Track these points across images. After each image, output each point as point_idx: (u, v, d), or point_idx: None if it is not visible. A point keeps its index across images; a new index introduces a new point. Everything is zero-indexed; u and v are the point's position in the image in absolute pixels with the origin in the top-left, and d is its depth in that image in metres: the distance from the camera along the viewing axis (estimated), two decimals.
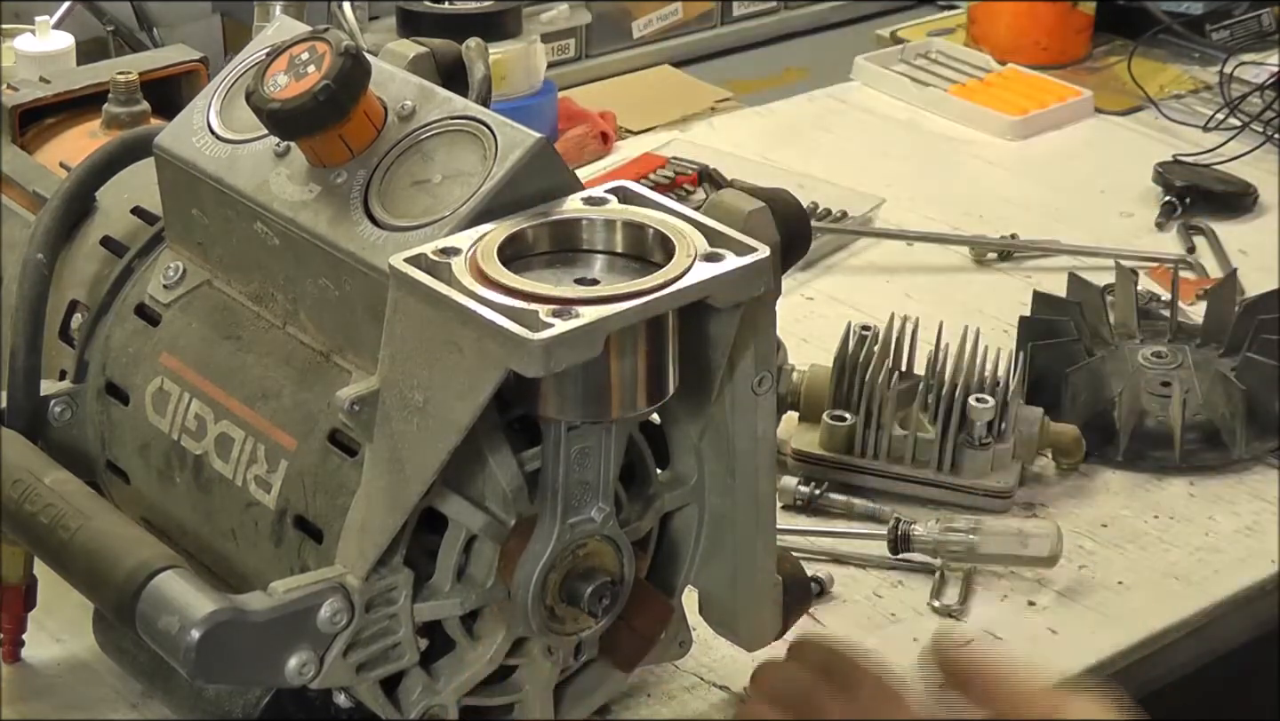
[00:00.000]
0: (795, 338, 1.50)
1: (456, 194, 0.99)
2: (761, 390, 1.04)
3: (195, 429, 1.06)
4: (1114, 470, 1.41)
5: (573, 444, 0.96)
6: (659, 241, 0.97)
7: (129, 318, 1.11)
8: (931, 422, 1.35)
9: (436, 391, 0.92)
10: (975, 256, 1.72)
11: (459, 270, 0.93)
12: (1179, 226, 1.78)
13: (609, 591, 0.99)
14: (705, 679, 1.18)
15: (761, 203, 1.01)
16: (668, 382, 0.97)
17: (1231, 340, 1.49)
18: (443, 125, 1.02)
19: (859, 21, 2.27)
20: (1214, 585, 1.30)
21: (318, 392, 1.01)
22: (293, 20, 1.12)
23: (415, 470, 0.94)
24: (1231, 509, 1.37)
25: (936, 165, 1.90)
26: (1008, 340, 1.50)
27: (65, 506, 0.98)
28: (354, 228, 1.00)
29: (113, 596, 0.94)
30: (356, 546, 0.96)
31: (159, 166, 1.10)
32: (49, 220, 1.12)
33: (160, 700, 1.09)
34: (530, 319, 0.89)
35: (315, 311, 1.03)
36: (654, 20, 2.13)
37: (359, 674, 0.98)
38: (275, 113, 1.00)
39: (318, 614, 0.95)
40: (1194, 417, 1.41)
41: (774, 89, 2.09)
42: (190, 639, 0.91)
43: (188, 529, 1.07)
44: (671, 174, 1.79)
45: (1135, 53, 2.07)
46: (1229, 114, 1.94)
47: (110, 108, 1.25)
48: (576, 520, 0.97)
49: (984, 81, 2.05)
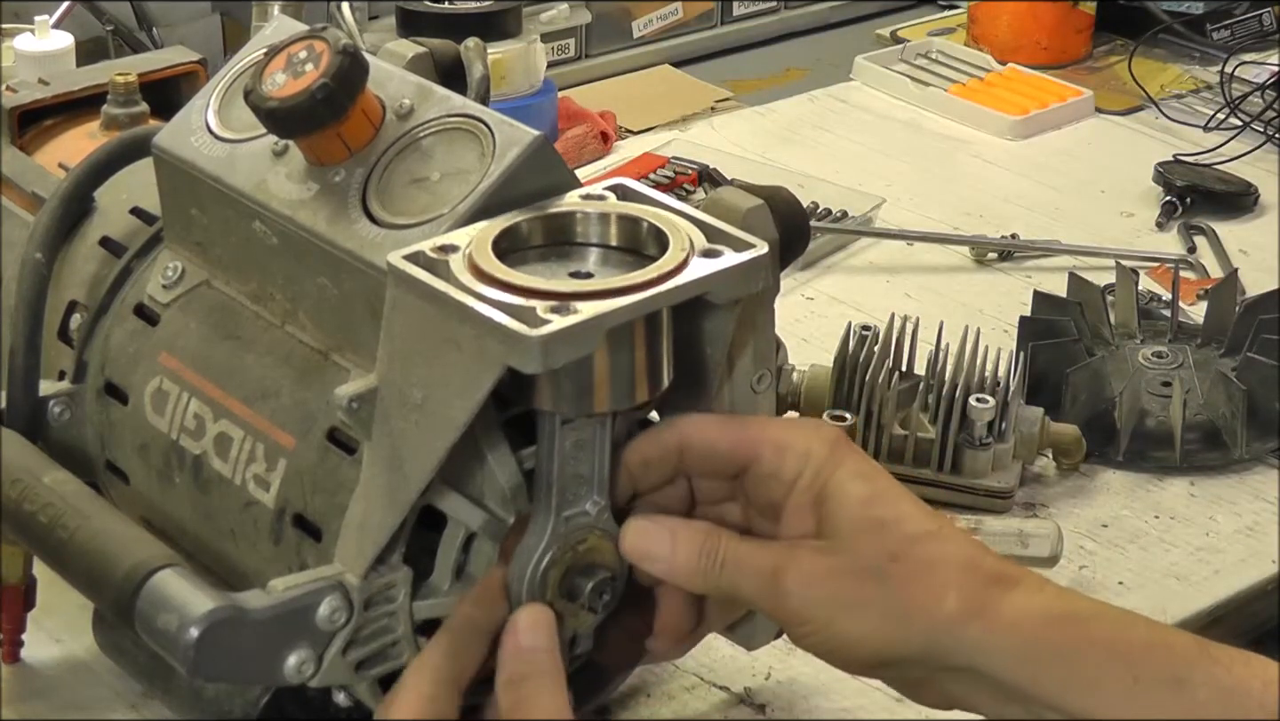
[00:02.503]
0: (795, 338, 1.50)
1: (455, 192, 0.99)
2: (760, 388, 1.04)
3: (194, 428, 1.06)
4: (1114, 470, 1.41)
5: (567, 437, 0.96)
6: (653, 235, 0.97)
7: (128, 317, 1.11)
8: (931, 422, 1.35)
9: (435, 389, 0.92)
10: (975, 256, 1.72)
11: (457, 267, 0.92)
12: (1179, 226, 1.78)
13: (609, 587, 0.99)
14: (705, 679, 1.18)
15: (760, 200, 1.01)
16: (662, 377, 0.97)
17: (1232, 340, 1.49)
18: (441, 123, 1.02)
19: (859, 21, 2.27)
20: (1214, 585, 1.30)
21: (316, 391, 1.01)
22: (291, 20, 1.12)
23: (414, 468, 0.94)
24: (1232, 509, 1.37)
25: (936, 165, 1.90)
26: (1008, 340, 1.50)
27: (64, 506, 0.98)
28: (352, 226, 1.00)
29: (111, 595, 0.94)
30: (355, 544, 0.96)
31: (157, 166, 1.10)
32: (48, 220, 1.12)
33: (160, 700, 1.09)
34: (528, 315, 0.89)
35: (314, 310, 1.03)
36: (654, 20, 2.13)
37: (358, 672, 0.98)
38: (273, 111, 1.00)
39: (316, 612, 0.95)
40: (1194, 417, 1.41)
41: (774, 89, 2.09)
42: (189, 637, 0.90)
43: (187, 528, 1.07)
44: (671, 173, 1.79)
45: (1136, 52, 2.07)
46: (1230, 114, 1.94)
47: (109, 109, 1.25)
48: (571, 513, 0.97)
49: (984, 81, 2.05)
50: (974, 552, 0.95)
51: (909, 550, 0.94)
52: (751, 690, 1.17)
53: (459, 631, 0.96)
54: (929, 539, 0.95)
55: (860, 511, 0.95)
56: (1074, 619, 0.93)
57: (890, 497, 0.96)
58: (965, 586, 0.93)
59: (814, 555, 0.95)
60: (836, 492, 0.96)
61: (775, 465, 0.98)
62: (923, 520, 0.96)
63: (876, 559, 0.94)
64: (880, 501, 0.96)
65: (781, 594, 0.95)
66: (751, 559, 0.96)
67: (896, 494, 0.97)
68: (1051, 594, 0.94)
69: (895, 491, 0.97)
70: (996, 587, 0.93)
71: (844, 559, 0.95)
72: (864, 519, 0.95)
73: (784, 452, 0.98)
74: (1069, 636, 0.92)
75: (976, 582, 0.93)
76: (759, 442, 0.98)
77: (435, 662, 0.95)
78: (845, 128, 1.98)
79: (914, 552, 0.94)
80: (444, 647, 0.95)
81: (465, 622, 0.96)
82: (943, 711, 0.98)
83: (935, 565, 0.94)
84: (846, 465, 0.97)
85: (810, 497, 0.97)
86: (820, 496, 0.96)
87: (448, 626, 0.96)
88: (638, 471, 0.99)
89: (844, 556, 0.95)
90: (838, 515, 0.96)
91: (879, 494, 0.96)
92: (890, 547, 0.94)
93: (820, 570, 0.95)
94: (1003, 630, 0.92)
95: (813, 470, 0.97)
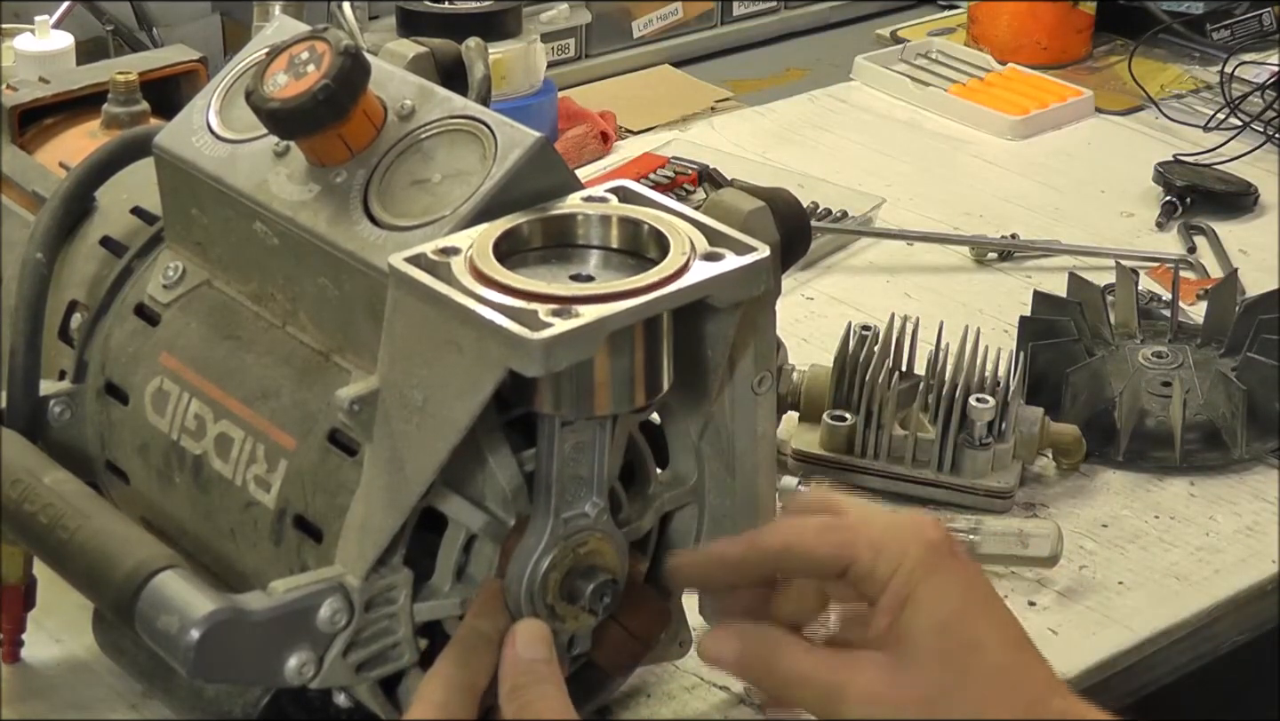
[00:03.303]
0: (795, 338, 1.50)
1: (456, 193, 0.99)
2: (761, 390, 1.04)
3: (195, 429, 1.06)
4: (1114, 470, 1.41)
5: (567, 439, 0.96)
6: (654, 237, 0.97)
7: (128, 317, 1.11)
8: (931, 422, 1.35)
9: (436, 391, 0.92)
10: (975, 256, 1.71)
11: (458, 270, 0.92)
12: (1179, 226, 1.78)
13: (609, 590, 0.99)
14: (705, 679, 1.17)
15: (761, 202, 1.01)
16: (662, 379, 0.97)
17: (1232, 340, 1.49)
18: (442, 124, 1.02)
19: (859, 21, 2.27)
20: (1214, 585, 1.30)
21: (317, 392, 1.01)
22: (292, 20, 1.12)
23: (415, 470, 0.94)
24: (1232, 509, 1.37)
25: (936, 165, 1.90)
26: (1008, 340, 1.50)
27: (64, 506, 0.98)
28: (353, 227, 1.00)
29: (112, 596, 0.94)
30: (356, 546, 0.96)
31: (158, 166, 1.10)
32: (48, 220, 1.12)
33: (160, 700, 1.09)
34: (530, 318, 0.89)
35: (315, 311, 1.03)
36: (654, 20, 2.13)
37: (358, 673, 0.98)
38: (275, 112, 1.00)
39: (317, 613, 0.95)
40: (1194, 417, 1.41)
41: (774, 89, 2.09)
42: (190, 638, 0.90)
43: (187, 529, 1.07)
44: (671, 174, 1.78)
45: (1136, 52, 2.07)
46: (1229, 114, 1.94)
47: (110, 108, 1.25)
48: (570, 515, 0.97)
49: (984, 81, 2.05)
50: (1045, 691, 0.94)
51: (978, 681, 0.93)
52: (751, 690, 1.17)
53: (466, 640, 0.97)
54: (1003, 669, 0.93)
55: (938, 633, 0.93)
56: None
57: (973, 620, 0.94)
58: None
59: (880, 676, 0.93)
60: (923, 604, 0.94)
61: (871, 567, 0.95)
62: (1001, 651, 0.94)
63: (943, 688, 0.92)
64: (963, 623, 0.94)
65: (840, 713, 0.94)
66: (816, 672, 0.95)
67: (983, 617, 0.94)
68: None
69: (982, 614, 0.95)
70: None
71: (910, 683, 0.93)
72: (941, 643, 0.93)
73: (879, 554, 0.95)
74: None
75: None
76: (858, 545, 0.96)
77: (445, 671, 0.96)
78: (845, 128, 1.98)
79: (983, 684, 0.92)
80: (452, 657, 0.96)
81: (471, 632, 0.97)
82: None
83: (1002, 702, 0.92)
84: (941, 574, 0.94)
85: (897, 601, 0.94)
86: (907, 600, 0.94)
87: (455, 638, 0.97)
88: (731, 568, 1.00)
89: (910, 681, 0.93)
90: (916, 629, 0.93)
91: (963, 613, 0.94)
92: (960, 679, 0.93)
93: (884, 692, 0.93)
94: None
95: (905, 573, 0.94)
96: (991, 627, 0.95)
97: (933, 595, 0.94)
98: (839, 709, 0.95)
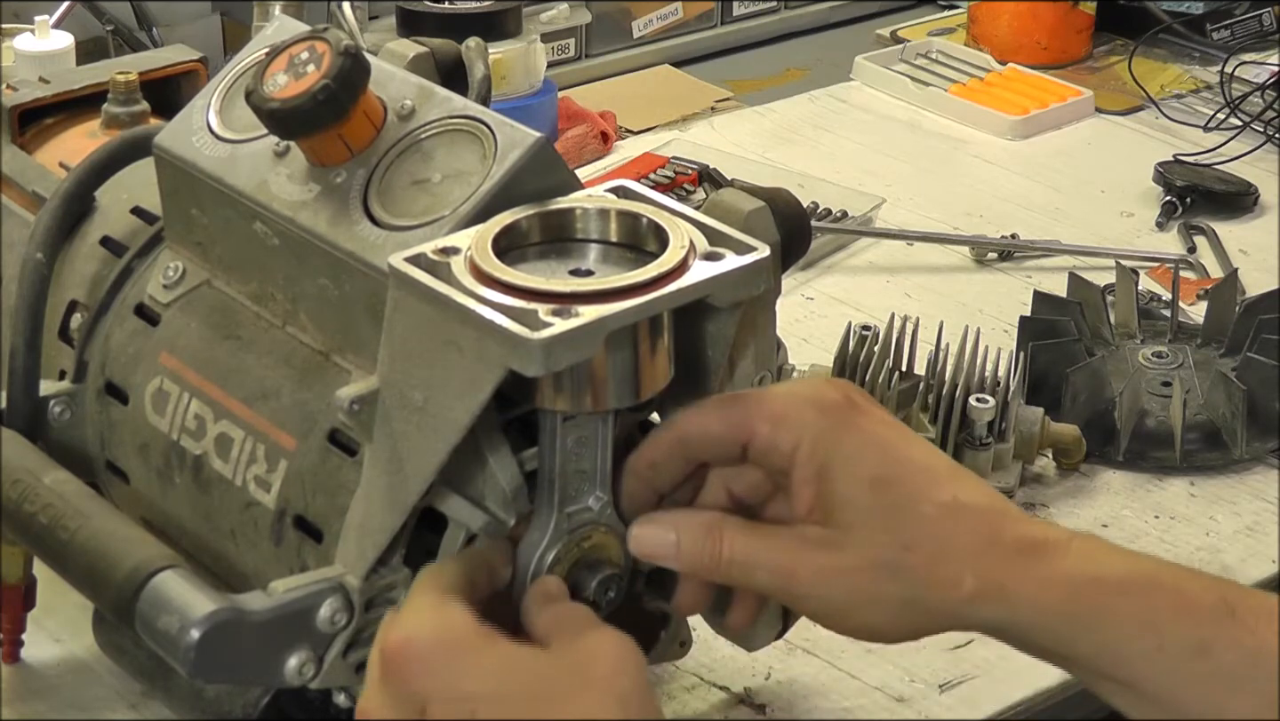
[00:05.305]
0: (795, 338, 1.50)
1: (456, 193, 0.99)
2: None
3: (195, 429, 1.06)
4: (1114, 470, 1.41)
5: (569, 434, 0.96)
6: (653, 230, 0.97)
7: (128, 317, 1.11)
8: (932, 422, 1.35)
9: (436, 391, 0.92)
10: (975, 256, 1.72)
11: (458, 269, 0.92)
12: (1179, 226, 1.78)
13: (615, 583, 0.99)
14: (705, 679, 1.18)
15: (761, 202, 1.01)
16: (663, 374, 0.97)
17: (1232, 340, 1.49)
18: (442, 124, 1.02)
19: (859, 21, 2.27)
20: None
21: (317, 392, 1.01)
22: (292, 20, 1.12)
23: (415, 469, 0.94)
24: (1232, 509, 1.37)
25: (936, 165, 1.90)
26: (1008, 340, 1.50)
27: (64, 506, 0.98)
28: (353, 227, 1.00)
29: (112, 596, 0.94)
30: (356, 546, 0.96)
31: (158, 166, 1.10)
32: (48, 220, 1.12)
33: (160, 700, 1.09)
34: (530, 318, 0.89)
35: (315, 311, 1.03)
36: (654, 20, 2.13)
37: (358, 673, 0.97)
38: (275, 112, 1.00)
39: (317, 613, 0.95)
40: (1194, 417, 1.41)
41: (774, 89, 2.09)
42: (190, 638, 0.90)
43: (187, 529, 1.07)
44: (671, 174, 1.79)
45: (1136, 52, 2.07)
46: (1230, 114, 1.94)
47: (110, 108, 1.25)
48: (574, 509, 0.97)
49: (984, 81, 2.05)
50: (994, 523, 0.92)
51: (922, 536, 0.91)
52: (751, 690, 1.17)
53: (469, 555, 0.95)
54: (944, 516, 0.91)
55: (868, 497, 0.92)
56: (1098, 586, 0.90)
57: (900, 470, 0.92)
58: (983, 566, 0.91)
59: (824, 553, 0.92)
60: (841, 472, 0.92)
61: (771, 440, 0.94)
62: (936, 488, 0.92)
63: (889, 550, 0.91)
64: (889, 480, 0.92)
65: (797, 595, 0.94)
66: (760, 555, 0.94)
67: (907, 462, 0.93)
68: (1076, 557, 0.91)
69: (905, 458, 0.93)
70: (1018, 560, 0.91)
71: (855, 554, 0.92)
72: (873, 506, 0.91)
73: (778, 425, 0.94)
74: (1092, 606, 0.90)
75: (995, 559, 0.91)
76: (753, 419, 0.94)
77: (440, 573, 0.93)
78: (845, 128, 1.98)
79: (927, 537, 0.91)
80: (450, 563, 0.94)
81: (475, 553, 0.95)
82: (944, 714, 0.98)
83: (950, 549, 0.91)
84: (850, 435, 0.93)
85: (813, 471, 0.93)
86: (823, 471, 0.93)
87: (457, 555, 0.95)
88: (649, 475, 0.98)
89: (855, 551, 0.92)
90: (844, 498, 0.92)
91: (887, 469, 0.92)
92: (903, 537, 0.91)
93: (831, 568, 0.92)
94: (1023, 607, 0.90)
95: (810, 442, 0.93)
96: (918, 471, 0.93)
97: (848, 459, 0.92)
98: (794, 587, 0.93)
